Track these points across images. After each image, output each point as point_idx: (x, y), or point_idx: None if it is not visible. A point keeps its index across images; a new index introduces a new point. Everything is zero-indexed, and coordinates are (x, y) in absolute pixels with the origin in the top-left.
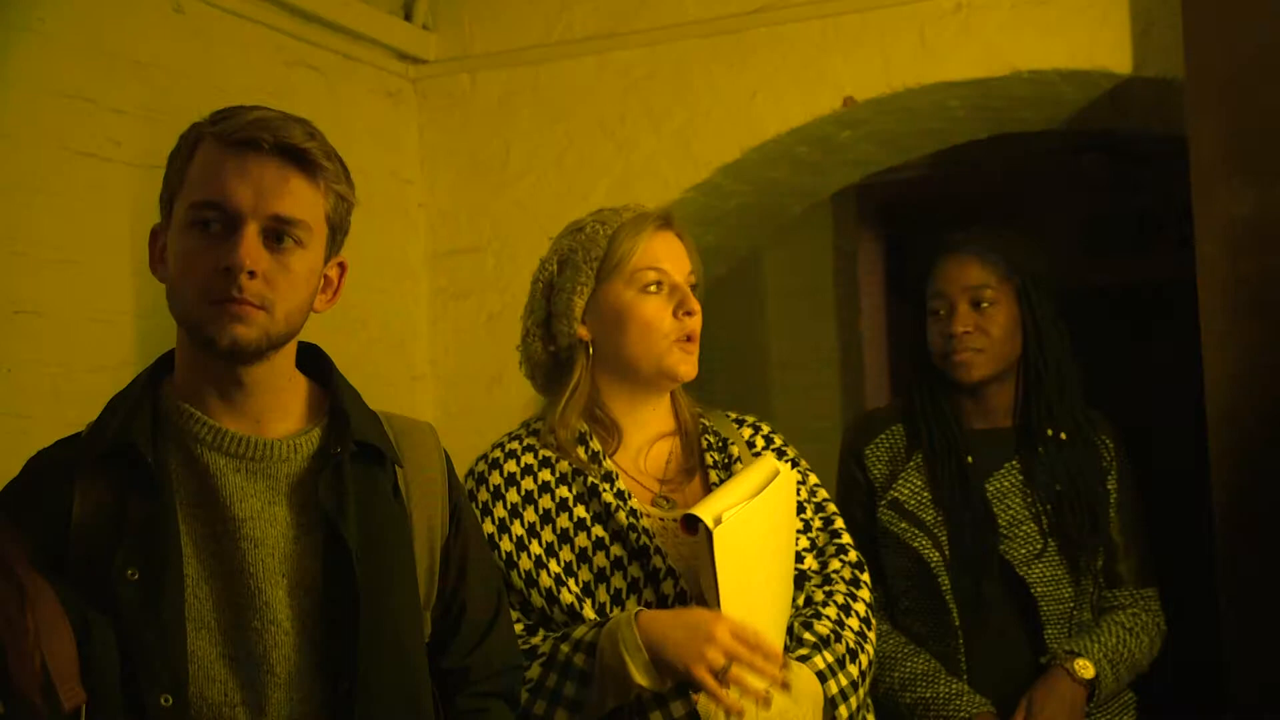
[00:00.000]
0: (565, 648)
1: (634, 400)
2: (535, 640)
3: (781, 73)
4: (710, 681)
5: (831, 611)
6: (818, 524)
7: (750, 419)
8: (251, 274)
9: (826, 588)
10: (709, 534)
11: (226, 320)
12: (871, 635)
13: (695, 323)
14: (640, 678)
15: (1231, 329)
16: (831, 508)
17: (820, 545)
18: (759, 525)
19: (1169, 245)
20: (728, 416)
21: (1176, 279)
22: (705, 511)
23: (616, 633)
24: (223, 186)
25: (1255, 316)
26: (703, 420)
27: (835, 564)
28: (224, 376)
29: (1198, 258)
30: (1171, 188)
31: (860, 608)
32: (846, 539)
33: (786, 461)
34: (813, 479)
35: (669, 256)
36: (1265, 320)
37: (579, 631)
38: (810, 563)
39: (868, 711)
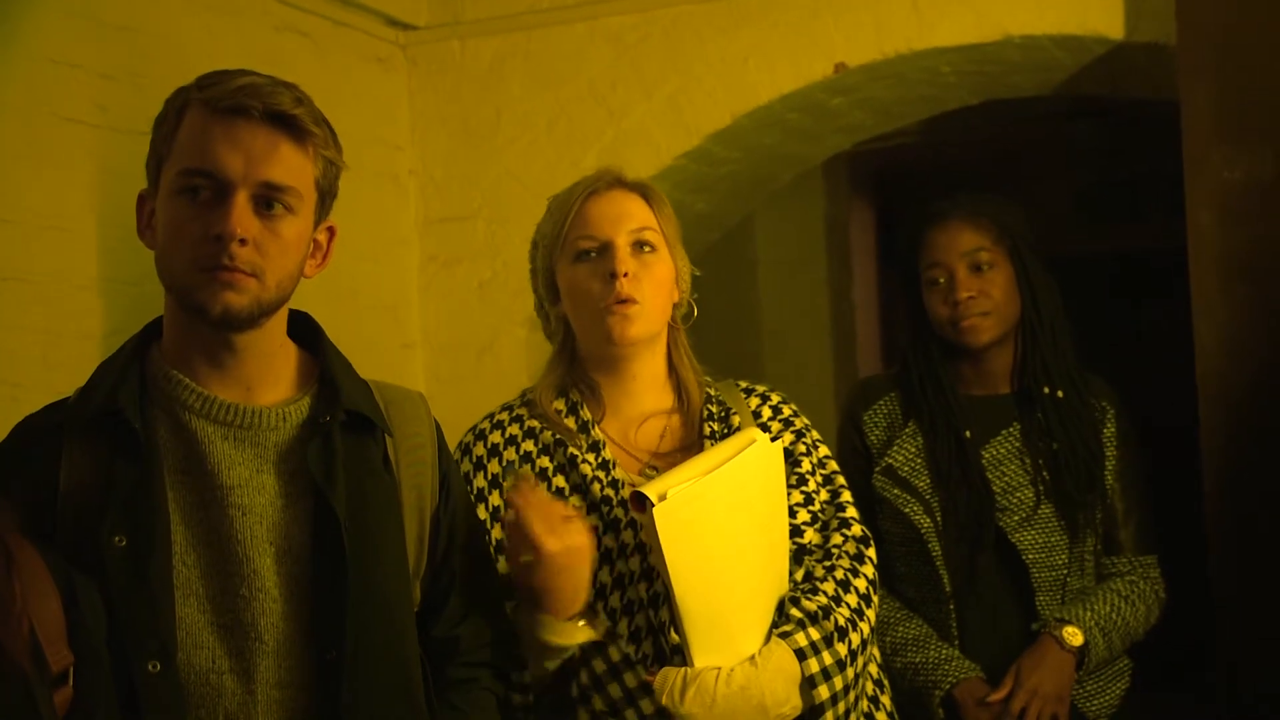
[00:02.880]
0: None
1: (612, 369)
2: None
3: (773, 38)
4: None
5: (829, 587)
6: (824, 496)
7: (761, 388)
8: (243, 242)
9: (827, 563)
10: (651, 510)
11: (218, 288)
12: (870, 613)
13: (627, 284)
14: (559, 639)
15: (1221, 295)
16: (840, 480)
17: (825, 519)
18: (723, 499)
19: (1162, 212)
20: (737, 386)
21: (1170, 246)
22: (652, 488)
23: (521, 611)
24: (212, 154)
25: (1245, 283)
26: (708, 390)
27: (837, 538)
28: (214, 343)
29: (1189, 224)
30: (1164, 154)
31: (860, 584)
32: (852, 512)
33: (792, 432)
34: (823, 450)
35: (603, 218)
36: (1255, 287)
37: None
38: (811, 536)
39: (880, 691)
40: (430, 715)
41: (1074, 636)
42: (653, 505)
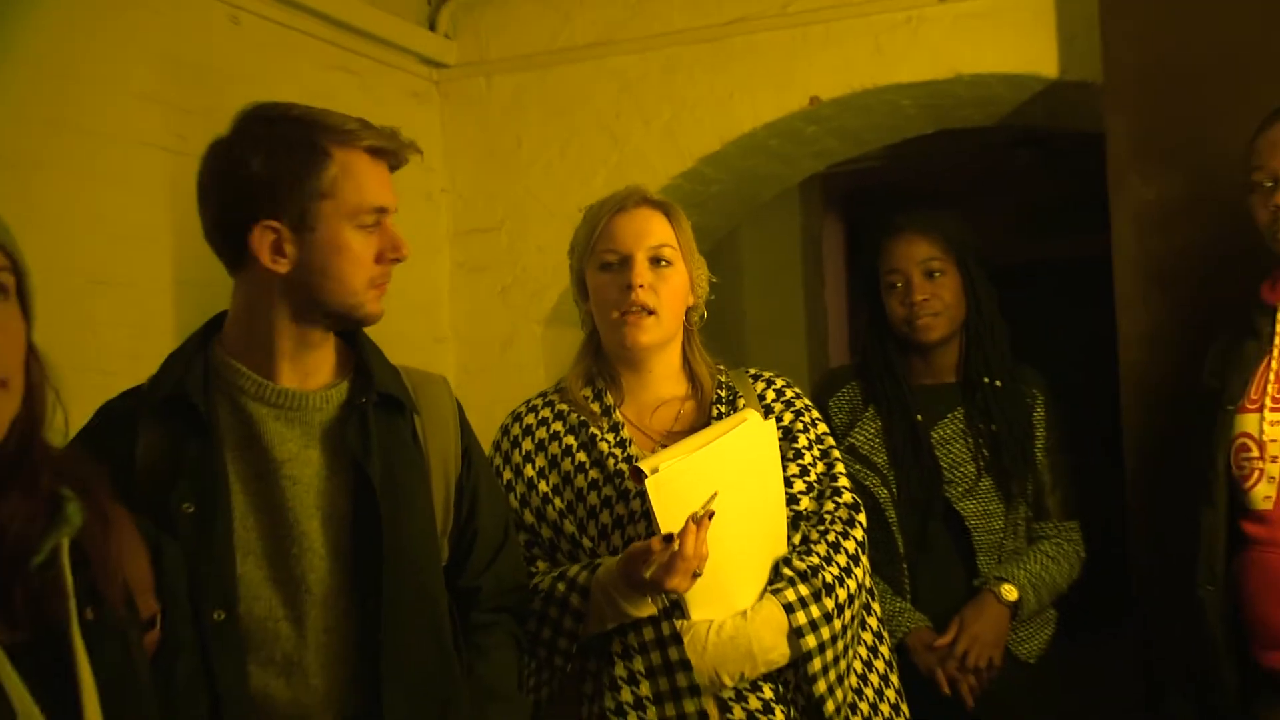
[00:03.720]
0: (562, 587)
1: (630, 363)
2: (536, 569)
3: (755, 75)
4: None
5: (821, 549)
6: (820, 468)
7: (768, 374)
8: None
9: (820, 527)
10: (643, 484)
11: (378, 296)
12: (858, 571)
13: (642, 295)
14: (640, 613)
15: (1140, 297)
16: (835, 454)
17: (820, 488)
18: (713, 472)
19: (1089, 226)
20: (747, 373)
21: (1095, 255)
22: (648, 463)
23: (607, 586)
24: (381, 193)
25: (1160, 286)
26: (721, 376)
27: (830, 505)
28: (306, 338)
29: (1112, 237)
30: (1091, 176)
31: (850, 545)
32: (844, 482)
33: (792, 412)
34: (821, 427)
35: (625, 234)
36: (1168, 289)
37: (572, 571)
38: (807, 504)
39: (880, 641)
40: (457, 654)
41: (1010, 592)
42: (646, 478)
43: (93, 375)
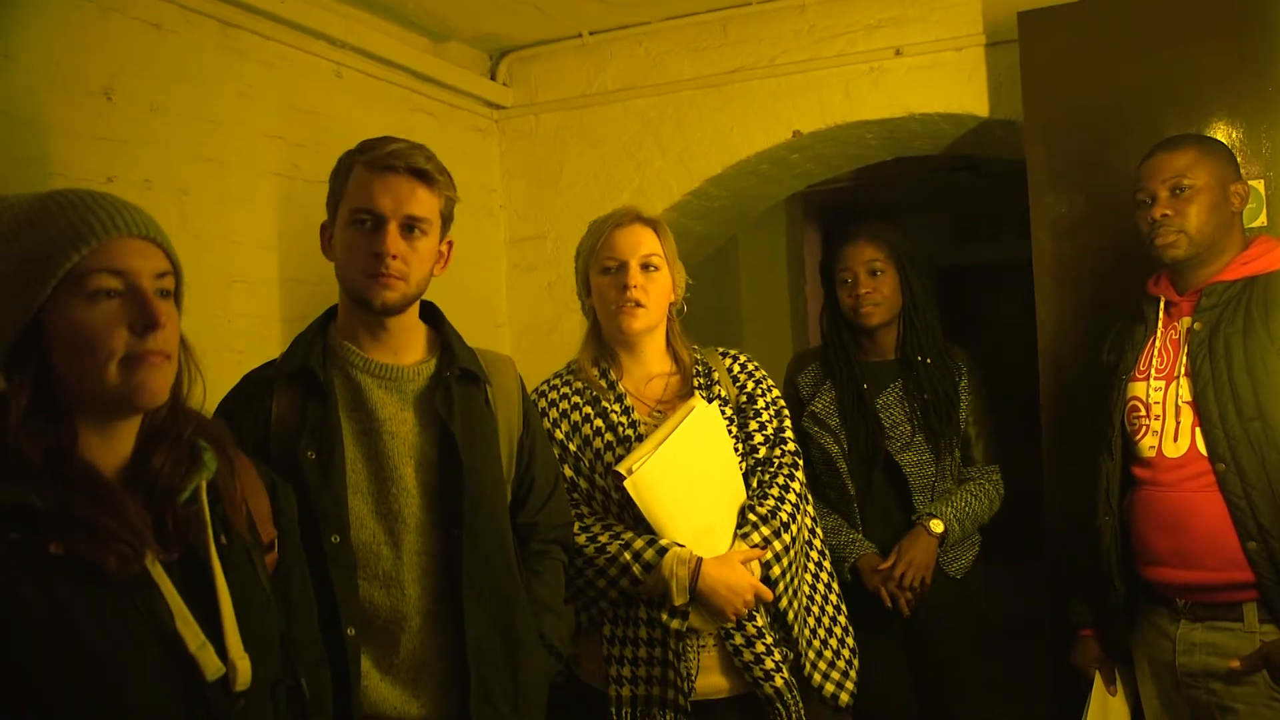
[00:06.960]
0: (627, 556)
1: (627, 345)
2: (588, 521)
3: (749, 114)
4: (731, 622)
5: (775, 492)
6: (774, 425)
7: (733, 352)
8: (394, 256)
9: (771, 469)
10: (623, 484)
11: (379, 288)
12: (805, 507)
13: (634, 291)
14: (677, 601)
15: (1054, 291)
16: (785, 414)
17: (773, 440)
18: (680, 457)
19: (1013, 235)
20: (718, 351)
21: (1019, 258)
22: (624, 465)
23: (674, 569)
24: (372, 197)
25: (1069, 282)
26: (697, 354)
27: (778, 452)
28: (374, 323)
29: (1032, 243)
30: (1015, 195)
31: (796, 485)
32: (789, 434)
33: (753, 381)
34: (774, 392)
35: (622, 245)
36: (1075, 285)
37: (638, 544)
38: (764, 452)
39: (824, 558)
40: (519, 574)
41: (937, 525)
42: (624, 479)
43: (227, 354)
